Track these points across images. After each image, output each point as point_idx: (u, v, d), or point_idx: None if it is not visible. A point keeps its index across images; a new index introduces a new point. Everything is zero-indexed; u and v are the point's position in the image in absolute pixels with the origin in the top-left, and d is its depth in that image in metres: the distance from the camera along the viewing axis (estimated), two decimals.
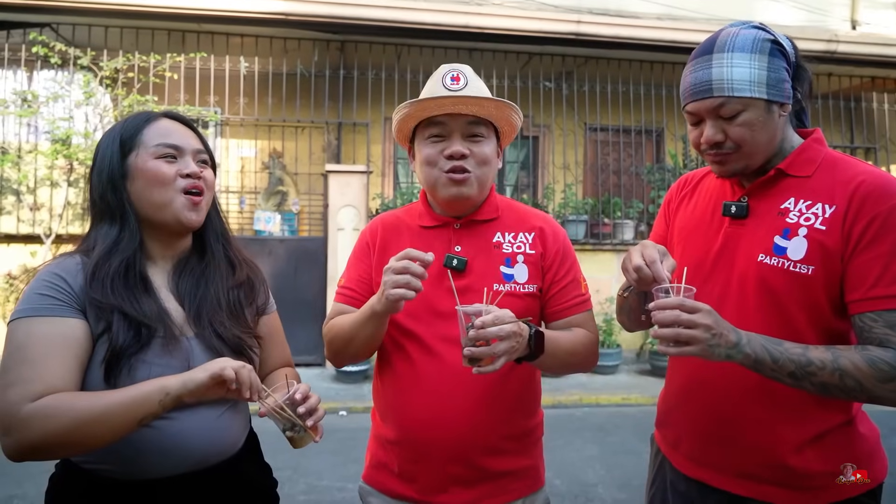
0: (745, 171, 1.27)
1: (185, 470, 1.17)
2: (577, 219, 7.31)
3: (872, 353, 1.11)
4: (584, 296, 1.47)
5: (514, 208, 1.53)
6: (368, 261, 1.49)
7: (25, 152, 6.41)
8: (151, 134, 1.22)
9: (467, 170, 1.37)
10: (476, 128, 1.39)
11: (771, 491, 1.23)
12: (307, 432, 1.20)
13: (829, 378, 1.11)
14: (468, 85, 1.37)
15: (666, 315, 1.08)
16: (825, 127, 7.90)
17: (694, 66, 1.23)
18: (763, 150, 1.24)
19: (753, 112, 1.19)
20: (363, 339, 1.35)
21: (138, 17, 6.27)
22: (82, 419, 1.02)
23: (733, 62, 1.18)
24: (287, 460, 4.04)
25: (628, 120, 7.60)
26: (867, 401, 1.13)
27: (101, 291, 1.12)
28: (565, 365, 1.39)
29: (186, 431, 1.16)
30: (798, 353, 1.12)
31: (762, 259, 1.23)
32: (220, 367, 1.07)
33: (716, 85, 1.19)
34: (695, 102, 1.23)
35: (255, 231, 6.99)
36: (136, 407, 1.04)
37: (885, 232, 1.14)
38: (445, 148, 1.37)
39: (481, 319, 1.15)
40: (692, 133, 1.28)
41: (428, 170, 1.40)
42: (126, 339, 1.11)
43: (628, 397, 5.88)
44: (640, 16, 7.21)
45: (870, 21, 7.88)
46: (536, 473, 1.48)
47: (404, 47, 7.09)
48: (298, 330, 6.15)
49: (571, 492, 3.72)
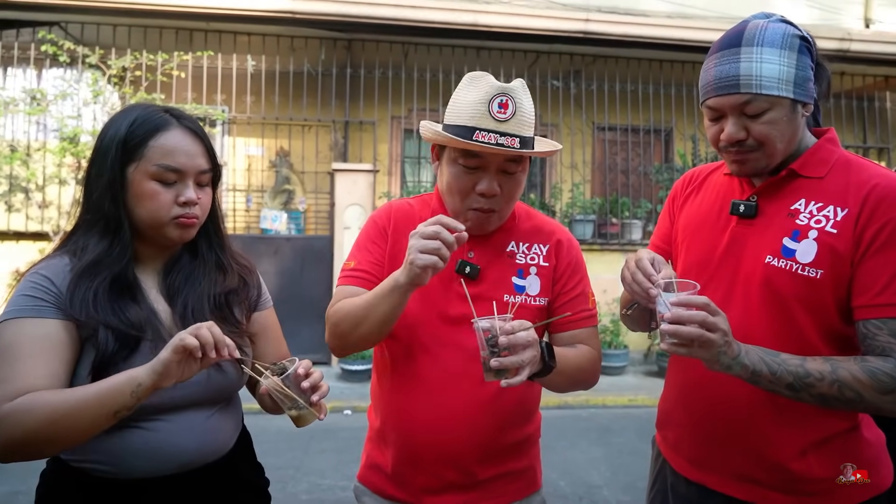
0: (763, 172, 1.23)
1: (174, 470, 1.16)
2: (584, 218, 7.27)
3: (872, 365, 1.07)
4: (592, 311, 1.43)
5: (531, 217, 1.47)
6: (383, 244, 1.41)
7: (34, 150, 6.45)
8: (156, 149, 1.15)
9: (494, 210, 1.33)
10: (513, 165, 1.30)
11: (771, 495, 1.20)
12: (310, 409, 1.14)
13: (827, 390, 1.08)
14: (517, 113, 1.26)
15: (693, 314, 1.03)
16: (837, 126, 7.81)
17: (719, 58, 1.17)
18: (783, 150, 1.19)
19: (779, 111, 1.14)
20: (378, 317, 1.23)
21: (146, 15, 6.29)
22: (57, 413, 1.01)
23: (763, 57, 1.12)
24: (290, 459, 4.04)
25: (637, 119, 7.54)
26: (867, 411, 1.11)
27: (82, 309, 1.10)
28: (572, 381, 1.35)
29: (175, 432, 1.15)
30: (796, 365, 1.09)
31: (769, 261, 1.19)
32: (178, 338, 1.01)
33: (744, 80, 1.13)
34: (719, 97, 1.17)
35: (261, 229, 7.00)
36: (109, 400, 1.02)
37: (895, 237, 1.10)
38: (478, 181, 1.29)
39: (510, 325, 1.11)
40: (711, 129, 1.23)
41: (456, 198, 1.33)
42: (113, 348, 1.09)
43: (635, 398, 5.83)
44: (649, 14, 7.15)
45: (883, 19, 7.77)
46: (533, 475, 1.45)
47: (411, 46, 7.07)
48: (304, 328, 6.16)
49: (576, 493, 3.68)
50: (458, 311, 1.32)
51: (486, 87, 1.28)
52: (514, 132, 1.26)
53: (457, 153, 1.30)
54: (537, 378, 1.23)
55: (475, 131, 1.25)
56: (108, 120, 1.22)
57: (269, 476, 1.42)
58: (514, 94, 1.27)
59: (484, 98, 1.27)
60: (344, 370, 6.19)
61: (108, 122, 1.21)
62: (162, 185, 1.16)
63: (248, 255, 1.43)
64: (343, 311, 1.30)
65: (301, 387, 1.12)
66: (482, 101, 1.27)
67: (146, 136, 1.16)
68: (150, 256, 1.24)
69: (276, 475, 3.74)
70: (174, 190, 1.17)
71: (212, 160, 1.24)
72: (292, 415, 1.15)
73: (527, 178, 1.41)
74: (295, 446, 4.25)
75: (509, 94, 1.27)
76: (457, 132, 1.27)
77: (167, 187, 1.17)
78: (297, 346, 6.48)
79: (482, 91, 1.28)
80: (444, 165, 1.35)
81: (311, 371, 1.15)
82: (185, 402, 1.17)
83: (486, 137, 1.24)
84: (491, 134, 1.25)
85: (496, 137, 1.24)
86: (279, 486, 3.63)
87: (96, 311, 1.10)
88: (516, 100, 1.27)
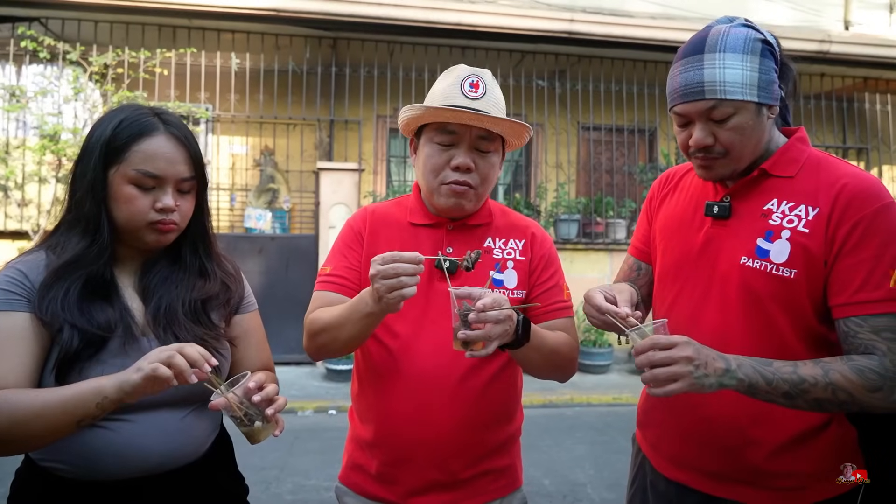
0: (731, 176, 1.25)
1: (143, 473, 1.13)
2: (569, 218, 7.30)
3: (859, 363, 1.09)
4: (567, 302, 1.46)
5: (505, 214, 1.52)
6: (359, 249, 1.43)
7: (13, 148, 6.35)
8: (138, 154, 1.14)
9: (470, 184, 1.35)
10: (486, 143, 1.36)
11: (747, 492, 1.21)
12: (267, 422, 1.10)
13: (822, 394, 1.08)
14: (487, 93, 1.34)
15: (641, 360, 1.06)
16: (818, 127, 7.92)
17: (683, 66, 1.19)
18: (750, 154, 1.21)
19: (744, 115, 1.16)
20: (354, 333, 1.27)
21: (128, 12, 6.21)
22: (18, 417, 1.00)
23: (726, 63, 1.14)
24: (275, 460, 4.01)
25: (621, 119, 7.59)
26: (858, 410, 1.11)
27: (49, 307, 1.09)
28: (548, 362, 1.36)
29: (143, 434, 1.13)
30: (789, 372, 1.09)
31: (745, 261, 1.21)
32: (151, 368, 0.98)
33: (707, 87, 1.15)
34: (685, 104, 1.18)
35: (245, 229, 6.95)
36: (71, 409, 1.01)
37: (870, 236, 1.11)
38: (452, 157, 1.35)
39: (482, 302, 1.13)
40: (680, 135, 1.25)
41: (431, 176, 1.37)
42: (77, 346, 1.08)
43: (619, 397, 5.87)
44: (633, 14, 7.20)
45: (862, 21, 7.89)
46: (514, 473, 1.46)
47: (397, 45, 7.05)
48: (289, 328, 6.12)
49: (560, 491, 3.70)
50: (437, 310, 1.34)
51: (457, 72, 1.39)
52: (485, 109, 1.33)
53: (432, 132, 1.37)
54: (509, 349, 1.26)
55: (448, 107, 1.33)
56: (97, 119, 1.21)
57: (253, 476, 1.40)
58: (484, 77, 1.37)
59: (455, 80, 1.36)
60: (329, 370, 6.17)
61: (97, 122, 1.20)
62: (139, 190, 1.15)
63: (232, 254, 1.41)
64: (320, 324, 1.32)
65: (253, 400, 1.09)
66: (454, 84, 1.36)
67: (130, 139, 1.15)
68: (128, 257, 1.23)
69: (259, 475, 3.73)
70: (152, 195, 1.16)
71: (196, 168, 1.22)
72: (243, 430, 1.12)
73: (511, 176, 1.44)
74: (279, 446, 4.22)
75: (480, 76, 1.36)
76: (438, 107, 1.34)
77: (145, 192, 1.16)
78: (281, 345, 6.49)
79: (454, 75, 1.38)
80: (421, 148, 1.41)
81: (263, 385, 1.11)
82: (154, 403, 1.13)
83: None
84: (464, 109, 1.32)
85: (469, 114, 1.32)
86: (263, 487, 3.60)
87: (63, 311, 1.09)
88: (487, 83, 1.36)
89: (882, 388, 1.07)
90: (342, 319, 1.27)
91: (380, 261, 1.14)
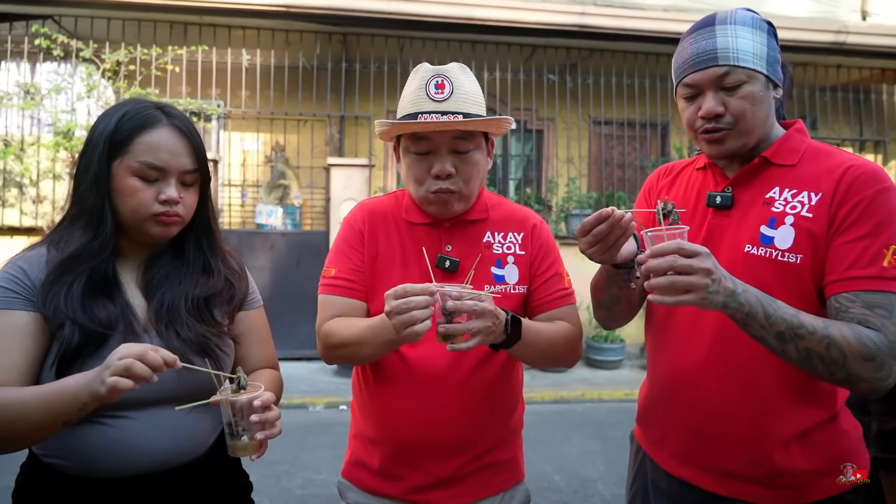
0: (740, 151, 1.23)
1: (145, 470, 1.13)
2: (580, 213, 7.25)
3: (860, 330, 1.07)
4: (568, 290, 1.45)
5: (501, 206, 1.49)
6: (361, 248, 1.42)
7: (28, 145, 6.41)
8: (141, 146, 1.15)
9: (452, 190, 1.33)
10: (463, 143, 1.32)
11: (751, 490, 1.20)
12: (251, 441, 1.09)
13: (816, 345, 1.05)
14: (455, 91, 1.31)
15: (661, 262, 0.99)
16: (834, 120, 7.81)
17: (695, 37, 1.22)
18: (759, 129, 1.21)
19: (755, 85, 1.18)
20: (374, 354, 1.31)
21: (140, 9, 6.25)
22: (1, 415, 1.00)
23: (738, 33, 1.18)
24: (285, 454, 4.03)
25: (633, 113, 7.52)
26: (844, 378, 1.07)
27: (51, 303, 1.09)
28: (545, 356, 1.36)
29: (145, 431, 1.12)
30: (791, 314, 1.06)
31: (748, 249, 1.19)
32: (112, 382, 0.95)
33: (721, 53, 1.17)
34: (696, 73, 1.20)
35: (257, 225, 6.97)
36: (53, 411, 1.00)
37: (867, 215, 1.11)
38: (432, 164, 1.33)
39: (458, 292, 1.14)
40: (687, 110, 1.25)
41: (415, 186, 1.36)
42: (78, 343, 1.08)
43: (631, 393, 5.83)
44: (645, 7, 7.13)
45: (880, 12, 7.75)
46: (517, 466, 1.46)
47: (406, 40, 7.04)
48: (300, 324, 6.13)
49: (570, 487, 3.69)
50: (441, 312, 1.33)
51: (421, 73, 1.35)
52: (454, 110, 1.30)
53: (408, 141, 1.35)
54: (501, 348, 1.26)
55: (418, 115, 1.30)
56: (100, 114, 1.22)
57: (263, 471, 1.41)
58: (449, 75, 1.33)
59: (420, 83, 1.33)
60: (340, 366, 6.19)
61: (100, 117, 1.20)
62: (143, 182, 1.15)
63: (242, 250, 1.41)
64: (338, 339, 1.33)
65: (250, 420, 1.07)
66: (419, 87, 1.33)
67: (133, 132, 1.15)
68: (132, 251, 1.23)
69: (270, 470, 3.75)
70: (156, 187, 1.16)
71: (199, 161, 1.22)
72: (227, 440, 1.11)
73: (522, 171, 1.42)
74: (290, 441, 4.24)
75: (444, 75, 1.33)
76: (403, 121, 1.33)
77: (149, 184, 1.16)
78: (293, 340, 6.53)
79: (419, 78, 1.35)
80: (402, 156, 1.39)
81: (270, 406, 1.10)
82: (154, 399, 1.13)
83: (426, 118, 1.29)
84: (432, 115, 1.29)
85: (437, 117, 1.29)
86: (273, 481, 3.62)
87: (65, 307, 1.09)
88: (453, 80, 1.32)
89: (874, 358, 1.05)
90: (362, 339, 1.28)
91: (392, 295, 1.14)
